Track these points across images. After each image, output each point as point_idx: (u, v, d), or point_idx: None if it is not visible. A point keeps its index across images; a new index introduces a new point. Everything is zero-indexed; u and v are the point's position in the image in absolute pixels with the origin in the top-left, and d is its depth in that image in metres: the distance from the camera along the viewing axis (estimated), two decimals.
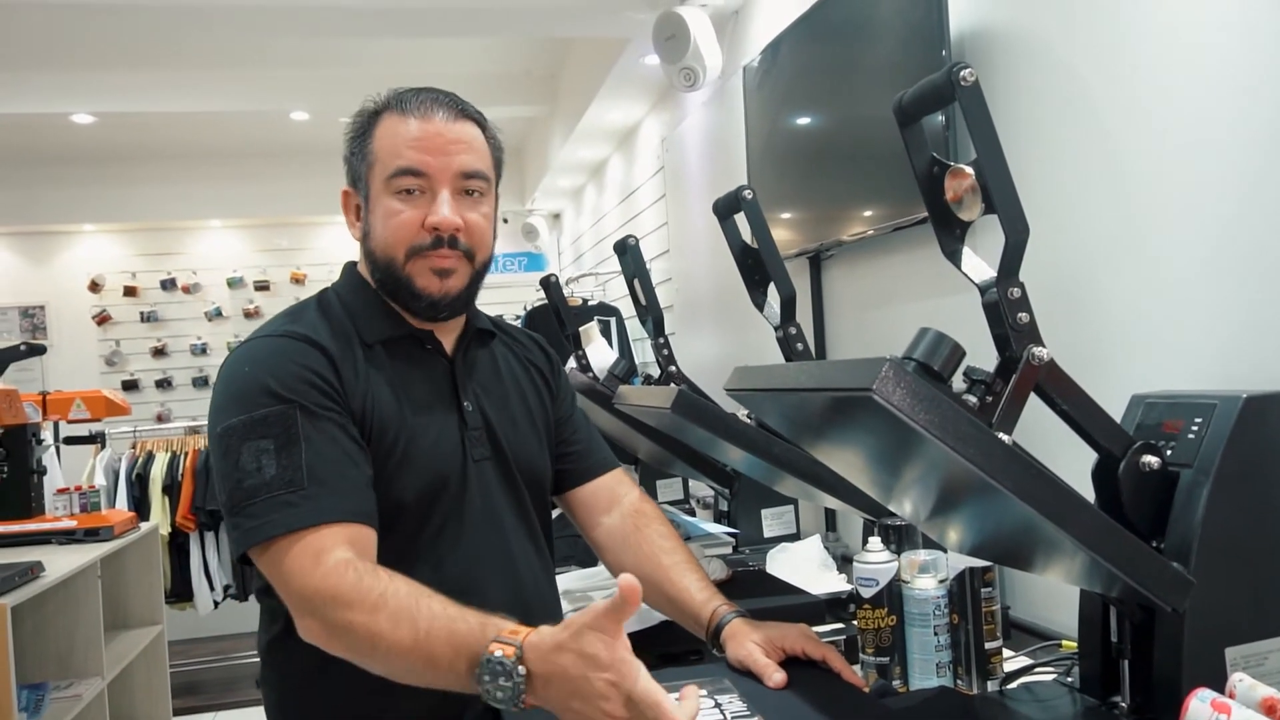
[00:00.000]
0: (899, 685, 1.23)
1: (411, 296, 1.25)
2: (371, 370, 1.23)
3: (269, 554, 1.10)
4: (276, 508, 1.10)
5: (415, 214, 1.23)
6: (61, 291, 6.74)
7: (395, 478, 1.21)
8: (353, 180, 1.29)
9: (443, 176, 1.23)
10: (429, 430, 1.25)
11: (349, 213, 1.31)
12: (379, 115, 1.26)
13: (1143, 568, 0.87)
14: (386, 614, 1.03)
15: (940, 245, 1.01)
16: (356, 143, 1.27)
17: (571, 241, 6.28)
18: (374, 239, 1.26)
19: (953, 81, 0.91)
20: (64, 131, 5.45)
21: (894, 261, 2.04)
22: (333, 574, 1.06)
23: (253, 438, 1.13)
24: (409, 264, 1.24)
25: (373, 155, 1.25)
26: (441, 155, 1.23)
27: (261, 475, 1.11)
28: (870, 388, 0.75)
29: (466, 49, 4.64)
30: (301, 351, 1.19)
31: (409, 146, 1.22)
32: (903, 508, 1.16)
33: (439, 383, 1.29)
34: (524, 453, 1.35)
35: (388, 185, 1.23)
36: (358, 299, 1.29)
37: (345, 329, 1.25)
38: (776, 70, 2.41)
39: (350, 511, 1.13)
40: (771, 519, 2.06)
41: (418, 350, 1.29)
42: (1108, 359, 1.36)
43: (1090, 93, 1.42)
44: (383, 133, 1.24)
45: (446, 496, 1.24)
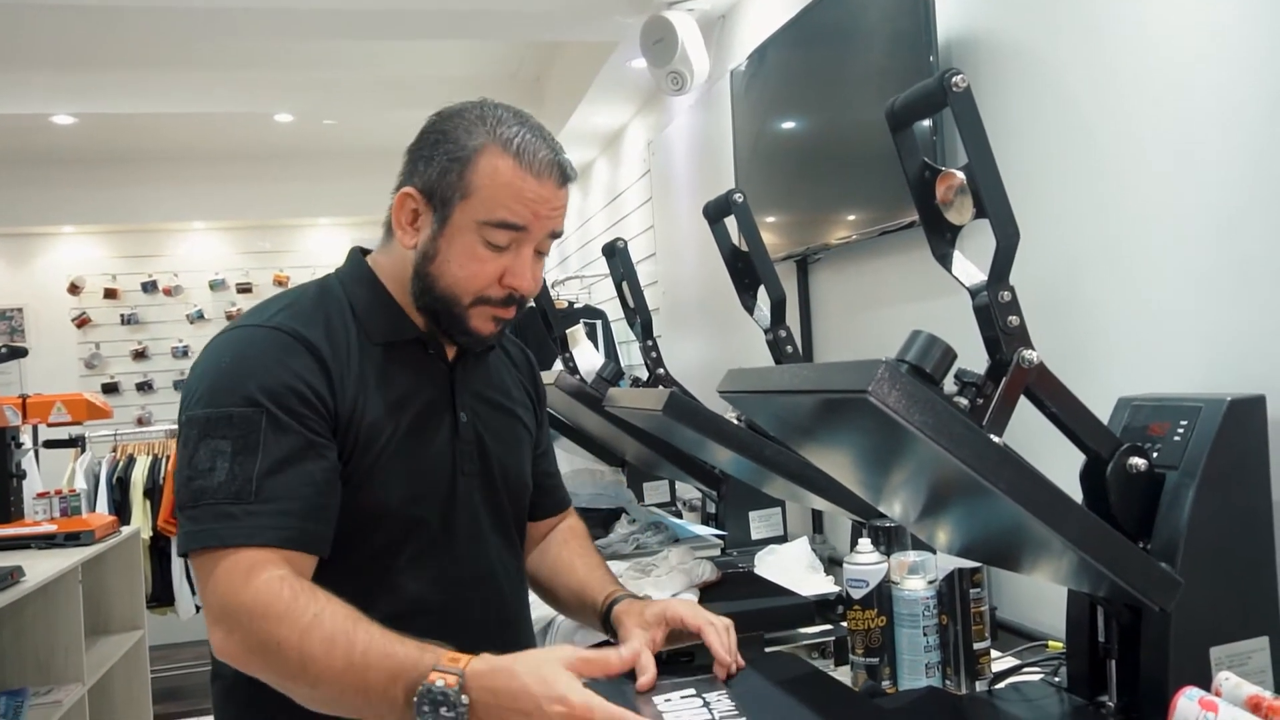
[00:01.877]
0: (888, 686, 1.24)
1: (461, 332, 1.20)
2: (369, 370, 1.17)
3: (201, 561, 1.06)
4: (216, 517, 1.04)
5: (496, 267, 1.17)
6: (40, 294, 6.67)
7: (382, 483, 1.16)
8: (427, 191, 1.17)
9: (537, 236, 1.18)
10: (421, 439, 1.20)
11: (402, 212, 1.19)
12: (489, 139, 1.15)
13: (1132, 568, 0.89)
14: (320, 635, 0.98)
15: (931, 249, 1.02)
16: (450, 159, 1.16)
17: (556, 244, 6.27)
18: (439, 267, 1.17)
19: (944, 87, 0.92)
20: (44, 132, 5.40)
21: (881, 265, 2.05)
22: (265, 589, 1.01)
23: (212, 435, 1.07)
24: (471, 310, 1.19)
25: (470, 187, 1.15)
26: (545, 219, 1.18)
27: (211, 477, 1.05)
28: (866, 390, 0.76)
29: (452, 51, 4.64)
30: (288, 350, 1.12)
31: (521, 203, 1.15)
32: (892, 509, 1.17)
33: (437, 390, 1.24)
34: (511, 469, 1.31)
35: (480, 228, 1.15)
36: (367, 294, 1.22)
37: (347, 324, 1.19)
38: (764, 74, 2.42)
39: (289, 538, 1.06)
40: (759, 521, 2.07)
41: (420, 354, 1.24)
42: (1095, 362, 1.38)
43: (1076, 98, 1.44)
44: (490, 168, 1.14)
45: (432, 507, 1.20)
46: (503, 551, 1.28)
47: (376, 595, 1.11)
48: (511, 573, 1.30)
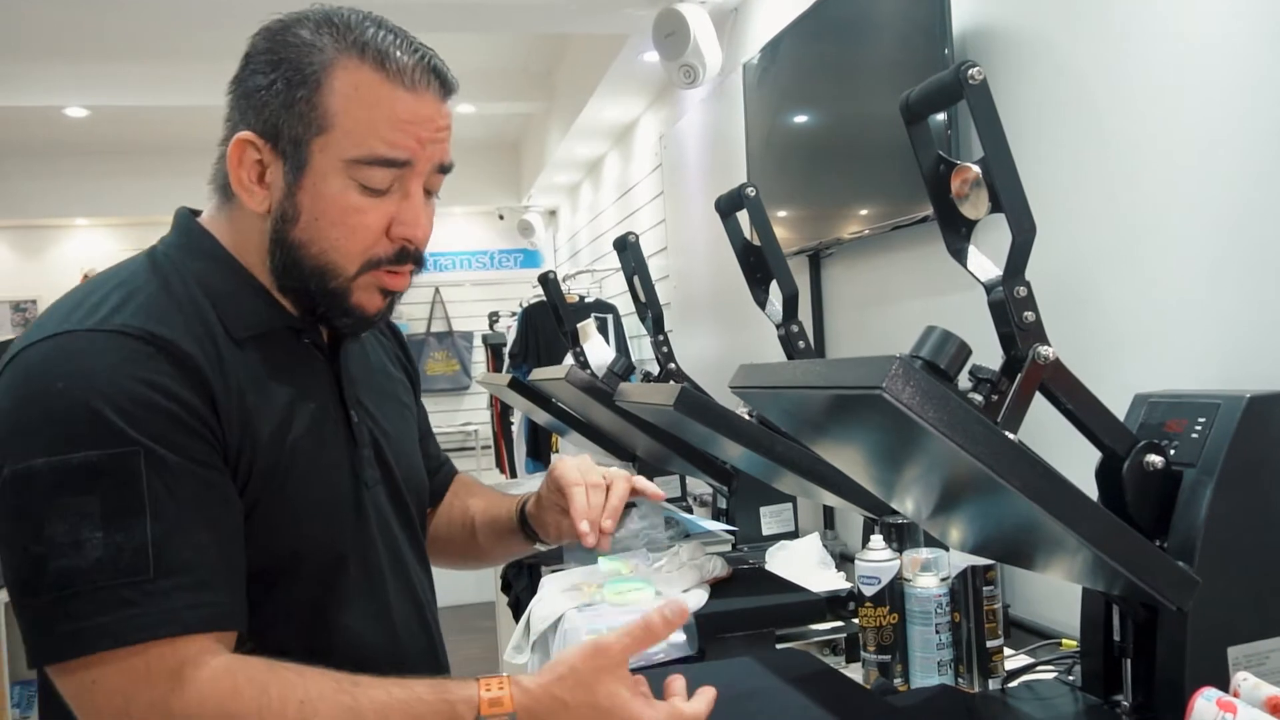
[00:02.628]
0: (900, 683, 1.24)
1: (340, 312, 0.95)
2: (244, 374, 0.90)
3: (84, 673, 0.77)
4: (104, 606, 0.76)
5: (380, 217, 0.92)
6: (53, 285, 6.68)
7: (286, 520, 0.91)
8: (270, 133, 0.90)
9: (423, 169, 0.93)
10: (319, 454, 0.95)
11: (242, 167, 0.92)
12: (337, 50, 0.89)
13: (1148, 566, 0.88)
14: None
15: (945, 243, 1.01)
16: (292, 84, 0.89)
17: (568, 238, 6.27)
18: (306, 231, 0.91)
19: (960, 80, 0.90)
20: (57, 125, 5.42)
21: (893, 260, 2.04)
22: (213, 691, 0.78)
23: (67, 494, 0.77)
24: (358, 278, 0.94)
25: (327, 117, 0.89)
26: (429, 144, 0.93)
27: (81, 554, 0.76)
28: (880, 386, 0.75)
29: (464, 44, 4.62)
30: (147, 361, 0.83)
31: (397, 128, 0.90)
32: (905, 506, 1.16)
33: (322, 390, 0.98)
34: (410, 468, 1.10)
35: (350, 168, 0.90)
36: (218, 273, 0.94)
37: (205, 318, 0.90)
38: (777, 68, 2.40)
39: (214, 616, 0.81)
40: (770, 517, 2.06)
41: (292, 345, 0.97)
42: (1111, 358, 1.37)
43: (1093, 91, 1.42)
44: (350, 90, 0.89)
45: (346, 535, 0.97)
46: (418, 564, 1.09)
47: (298, 651, 0.86)
48: (426, 586, 1.10)
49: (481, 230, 6.89)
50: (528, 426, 4.43)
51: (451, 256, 6.81)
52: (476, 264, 6.88)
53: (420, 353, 6.44)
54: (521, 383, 2.60)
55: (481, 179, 6.40)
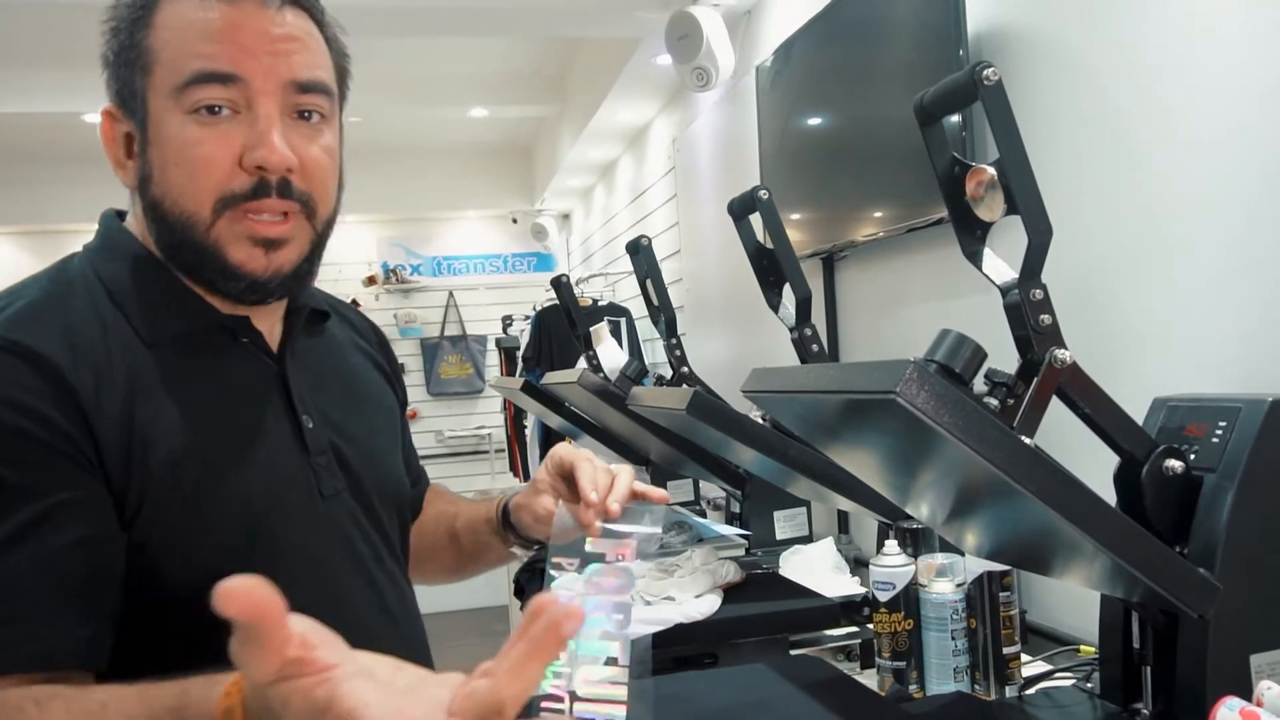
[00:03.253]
0: (915, 690, 1.22)
1: (222, 275, 0.86)
2: (150, 383, 0.83)
3: None
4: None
5: (225, 146, 0.83)
6: None
7: (202, 538, 0.82)
8: (119, 95, 0.86)
9: (266, 85, 0.83)
10: (250, 463, 0.87)
11: (114, 146, 0.88)
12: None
13: (1168, 573, 0.86)
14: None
15: (961, 246, 1.00)
16: (123, 35, 0.85)
17: (581, 242, 6.27)
18: (160, 185, 0.85)
19: (975, 80, 0.90)
20: (74, 131, 5.45)
21: (908, 263, 2.02)
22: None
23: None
24: (216, 224, 0.84)
25: (151, 55, 0.83)
26: (263, 55, 0.83)
27: None
28: (894, 390, 0.74)
29: (475, 48, 4.64)
30: (5, 373, 0.77)
31: (210, 39, 0.82)
32: (920, 511, 1.15)
33: (263, 392, 0.91)
34: (386, 475, 1.01)
35: (179, 99, 0.82)
36: (129, 273, 0.88)
37: (104, 319, 0.84)
38: (790, 70, 2.40)
39: (24, 657, 0.73)
40: (784, 521, 2.05)
41: (227, 346, 0.90)
42: (1129, 361, 1.35)
43: (1110, 92, 1.41)
44: (167, 21, 0.83)
45: (288, 553, 0.87)
46: (393, 579, 0.98)
47: None
48: (406, 603, 1.00)
49: (495, 234, 6.90)
50: (541, 430, 4.42)
51: (465, 260, 6.82)
52: (490, 267, 6.89)
53: (434, 356, 6.45)
54: (534, 386, 2.60)
55: (494, 182, 6.41)
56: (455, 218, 6.72)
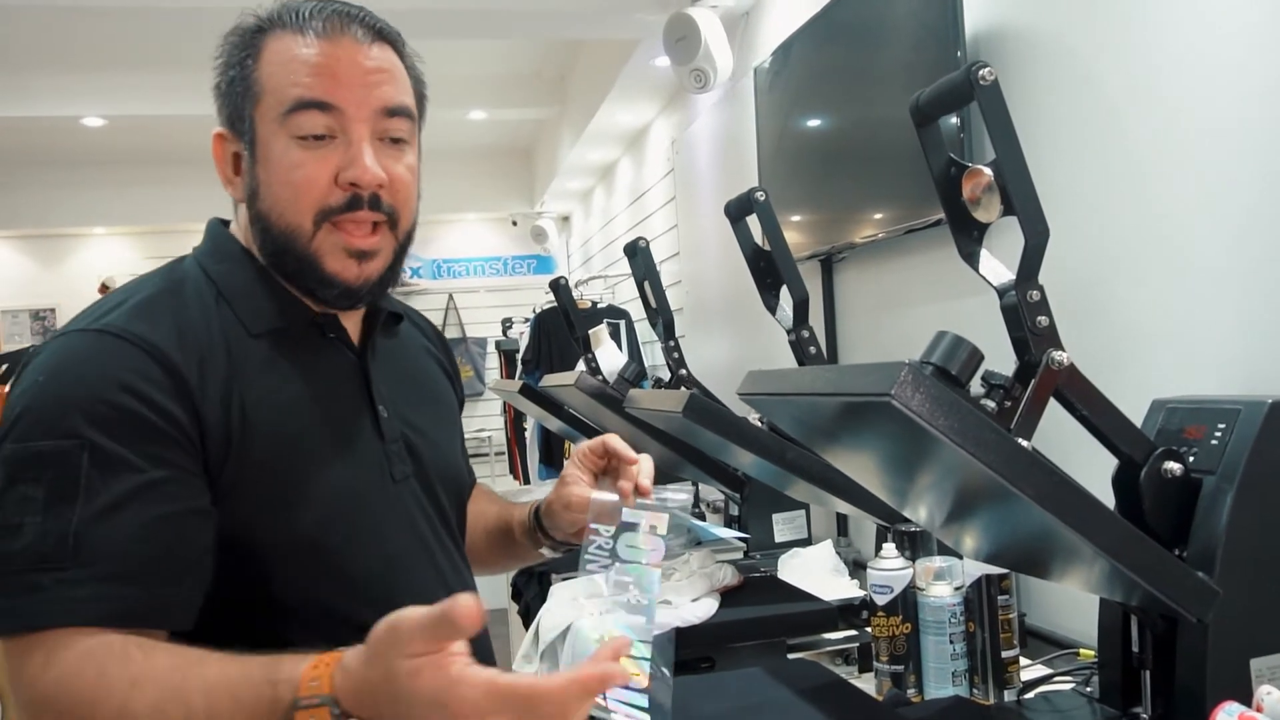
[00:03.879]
0: (913, 694, 1.22)
1: (319, 283, 0.97)
2: (252, 370, 0.94)
3: (8, 648, 0.82)
4: (21, 589, 0.80)
5: (324, 166, 0.94)
6: (72, 294, 6.74)
7: (294, 509, 0.93)
8: (230, 120, 0.98)
9: (359, 114, 0.94)
10: (338, 446, 0.97)
11: (224, 164, 1.00)
12: (265, 33, 0.96)
13: (1167, 577, 0.85)
14: (144, 706, 0.77)
15: (957, 247, 0.99)
16: (234, 69, 0.97)
17: (581, 244, 6.27)
18: (265, 200, 0.96)
19: (971, 81, 0.89)
20: (75, 134, 5.46)
21: (907, 264, 2.02)
22: (66, 671, 0.79)
23: (21, 479, 0.83)
24: (317, 236, 0.95)
25: (259, 85, 0.95)
26: (357, 86, 0.94)
27: (17, 537, 0.81)
28: (889, 393, 0.73)
29: (475, 51, 4.64)
30: (118, 358, 0.87)
31: (312, 72, 0.93)
32: (918, 514, 1.14)
33: (346, 384, 1.01)
34: (447, 464, 1.11)
35: (283, 125, 0.93)
36: (236, 273, 0.99)
37: (210, 314, 0.95)
38: (788, 71, 2.39)
39: (116, 613, 0.81)
40: (783, 524, 2.04)
41: (317, 341, 1.01)
42: (1127, 363, 1.34)
43: (1108, 92, 1.40)
44: (273, 55, 0.95)
45: (365, 528, 0.97)
46: (451, 560, 1.07)
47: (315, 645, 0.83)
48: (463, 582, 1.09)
49: (495, 236, 6.89)
50: (540, 433, 4.42)
51: (465, 263, 6.82)
52: (490, 270, 6.89)
53: None
54: (533, 389, 2.59)
55: (494, 185, 6.41)
56: (455, 220, 6.72)
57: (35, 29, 3.79)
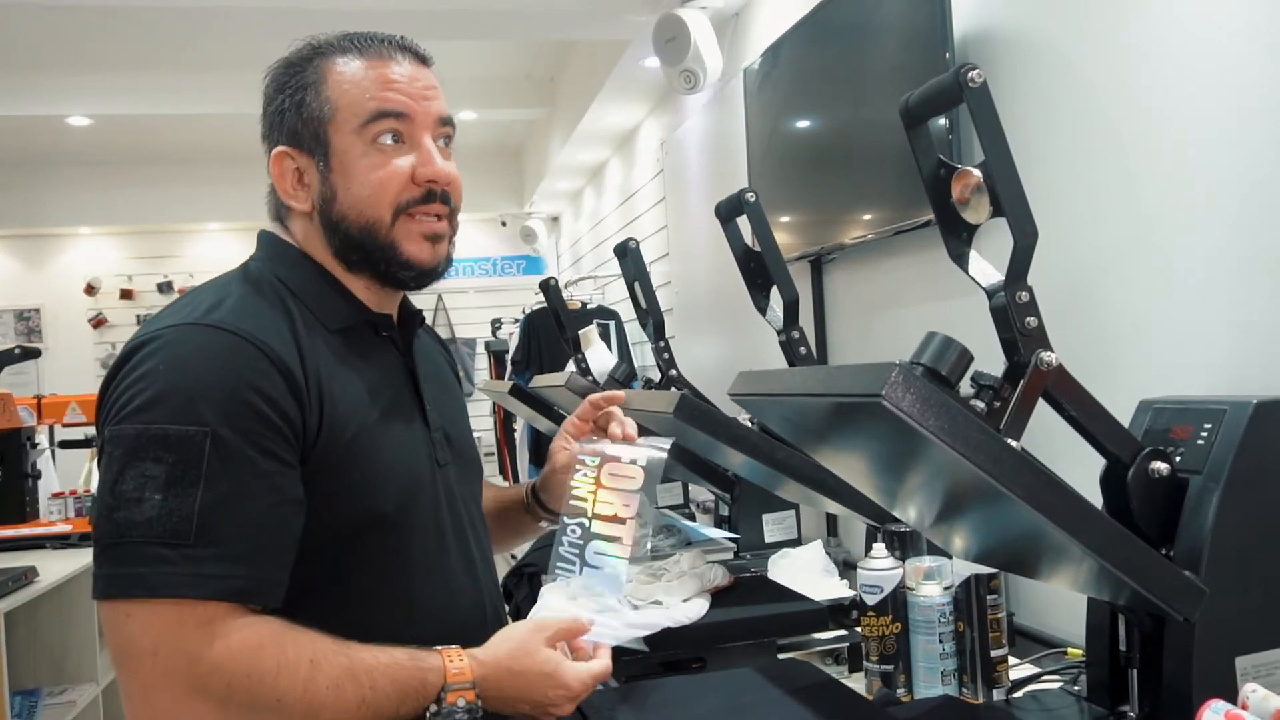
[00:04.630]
0: (903, 694, 1.22)
1: (400, 265, 1.08)
2: (332, 364, 1.03)
3: (122, 612, 0.89)
4: (145, 559, 0.88)
5: (403, 166, 1.06)
6: (57, 294, 6.71)
7: (370, 489, 1.03)
8: (294, 139, 1.08)
9: (425, 122, 1.08)
10: (399, 434, 1.08)
11: (285, 178, 1.09)
12: (326, 57, 1.08)
13: (1154, 576, 0.86)
14: (325, 680, 0.90)
15: (947, 248, 1.00)
16: (299, 93, 1.07)
17: (570, 245, 6.27)
18: (344, 202, 1.06)
19: (960, 83, 0.89)
20: (60, 134, 5.43)
21: (896, 265, 2.02)
22: (239, 643, 0.89)
23: (143, 458, 0.90)
24: (396, 226, 1.07)
25: (331, 104, 1.06)
26: (420, 99, 1.08)
27: (139, 509, 0.88)
28: (879, 393, 0.74)
29: (466, 50, 4.63)
30: (237, 355, 0.96)
31: (383, 88, 1.06)
32: (907, 514, 1.14)
33: (398, 378, 1.12)
34: (472, 451, 1.24)
35: (362, 134, 1.05)
36: (305, 276, 1.08)
37: (292, 313, 1.04)
38: (777, 72, 2.40)
39: (237, 589, 0.90)
40: (773, 524, 2.05)
41: (371, 339, 1.12)
42: (1115, 363, 1.35)
43: (1097, 94, 1.41)
44: (339, 79, 1.07)
45: (422, 507, 1.08)
46: (481, 538, 1.20)
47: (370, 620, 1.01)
48: (488, 559, 1.20)
49: (484, 237, 6.89)
50: (530, 433, 4.41)
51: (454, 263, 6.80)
52: (479, 270, 6.88)
53: None
54: (523, 389, 2.59)
55: (484, 185, 6.40)
56: None
57: (23, 28, 3.77)
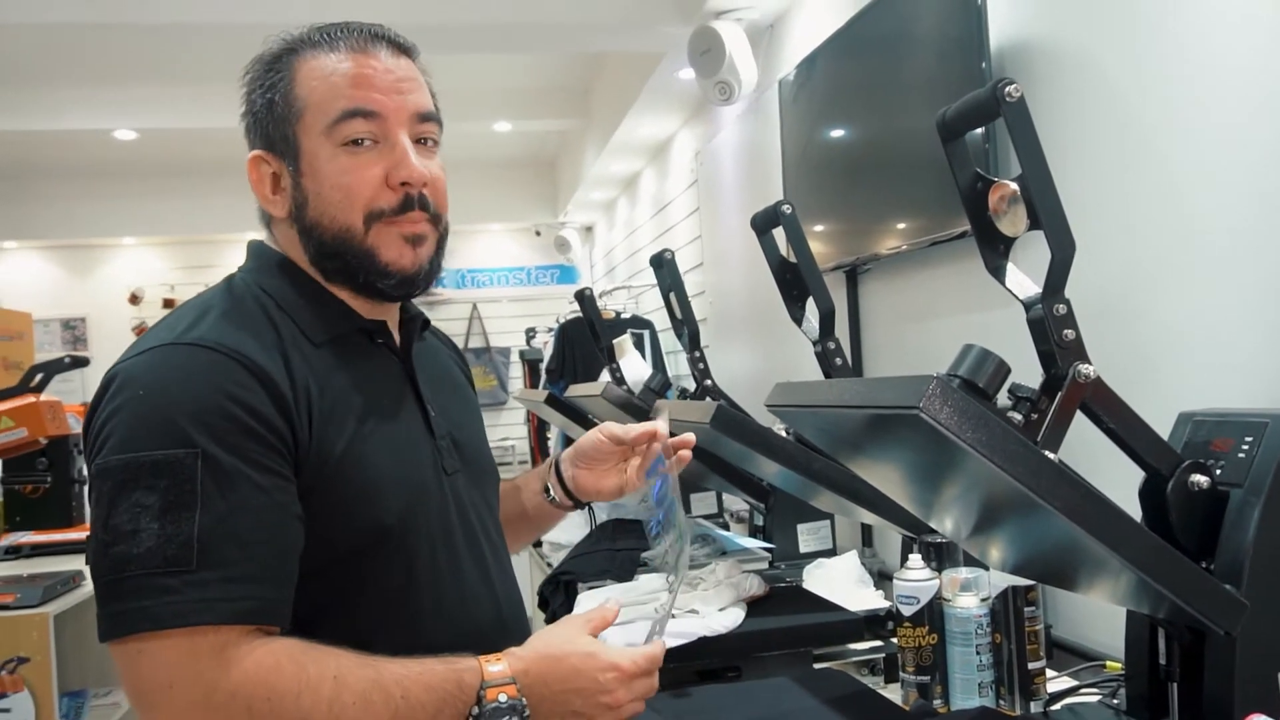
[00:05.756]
0: (940, 705, 1.22)
1: (378, 274, 1.01)
2: (321, 376, 0.98)
3: (132, 650, 0.85)
4: (147, 591, 0.84)
5: (371, 169, 0.99)
6: (102, 304, 6.85)
7: (369, 501, 0.98)
8: (267, 141, 1.02)
9: (398, 118, 1.00)
10: (402, 443, 1.03)
11: (262, 185, 1.03)
12: (295, 54, 1.01)
13: (1194, 589, 0.86)
14: (351, 696, 0.85)
15: (984, 261, 1.00)
16: (269, 92, 1.01)
17: (604, 254, 6.30)
18: (316, 208, 1.00)
19: (997, 97, 0.90)
20: (106, 147, 5.55)
21: (931, 276, 2.02)
22: (257, 666, 0.85)
23: (132, 488, 0.86)
24: (371, 233, 1.00)
25: (300, 103, 0.99)
26: (393, 94, 1.00)
27: (136, 542, 0.84)
28: (917, 406, 0.75)
29: (500, 63, 4.68)
30: (219, 370, 0.91)
31: (351, 84, 0.99)
32: (944, 525, 1.15)
33: (397, 385, 1.07)
34: (484, 456, 1.19)
35: (330, 135, 0.99)
36: (289, 287, 1.03)
37: (277, 326, 0.99)
38: (813, 83, 2.40)
39: (247, 611, 0.87)
40: (807, 534, 2.05)
41: (367, 347, 1.06)
42: (1154, 375, 1.34)
43: (1134, 105, 1.40)
44: (309, 75, 1.00)
45: (428, 517, 1.03)
46: (496, 546, 1.14)
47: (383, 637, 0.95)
48: (504, 566, 1.15)
49: (518, 247, 6.94)
50: (564, 442, 4.44)
51: (488, 273, 6.86)
52: (513, 280, 6.93)
53: None
54: (558, 399, 2.61)
55: (518, 196, 6.46)
56: (479, 231, 6.77)
57: (69, 45, 3.86)
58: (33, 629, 2.31)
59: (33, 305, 5.88)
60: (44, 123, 4.64)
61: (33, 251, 6.84)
